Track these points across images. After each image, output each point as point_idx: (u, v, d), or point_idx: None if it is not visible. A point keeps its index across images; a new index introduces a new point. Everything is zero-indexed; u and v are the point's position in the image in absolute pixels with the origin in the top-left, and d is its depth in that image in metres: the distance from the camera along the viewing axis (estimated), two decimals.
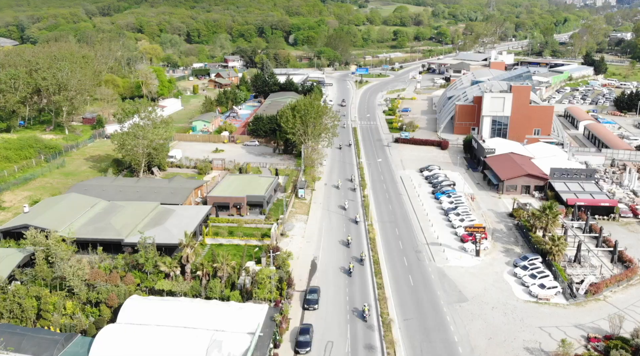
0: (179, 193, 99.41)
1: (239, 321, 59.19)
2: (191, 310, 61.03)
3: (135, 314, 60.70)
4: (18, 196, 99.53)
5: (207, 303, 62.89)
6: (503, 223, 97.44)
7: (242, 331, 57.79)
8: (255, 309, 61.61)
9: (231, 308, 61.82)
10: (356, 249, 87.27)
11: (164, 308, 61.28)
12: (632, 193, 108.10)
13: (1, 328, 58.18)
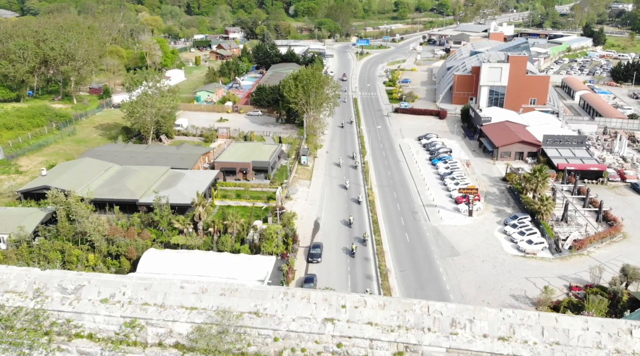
0: (187, 158, 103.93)
1: (249, 270, 64.48)
2: (205, 260, 66.30)
3: (153, 265, 65.95)
4: (34, 161, 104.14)
5: (219, 255, 68.17)
6: (496, 187, 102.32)
7: (252, 279, 63.08)
8: (264, 260, 66.90)
9: (241, 259, 67.10)
10: (357, 211, 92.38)
11: (179, 260, 66.52)
12: (622, 158, 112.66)
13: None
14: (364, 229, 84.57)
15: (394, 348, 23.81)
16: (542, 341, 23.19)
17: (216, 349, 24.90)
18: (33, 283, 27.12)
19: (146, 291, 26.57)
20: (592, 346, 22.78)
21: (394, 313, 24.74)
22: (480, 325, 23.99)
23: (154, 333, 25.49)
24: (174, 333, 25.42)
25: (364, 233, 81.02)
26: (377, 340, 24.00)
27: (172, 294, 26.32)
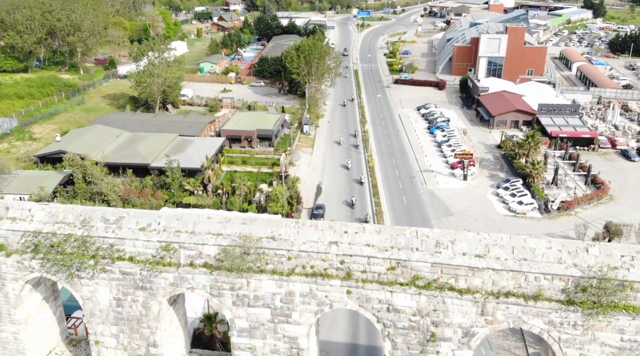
0: (194, 126, 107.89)
1: None
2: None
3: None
4: (46, 128, 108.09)
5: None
6: (491, 154, 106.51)
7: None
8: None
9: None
10: (357, 175, 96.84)
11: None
12: (614, 127, 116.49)
13: None
14: (364, 192, 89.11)
15: (388, 263, 28.29)
16: (512, 257, 27.64)
17: (239, 267, 29.42)
18: (79, 215, 31.49)
19: (178, 221, 30.96)
20: (554, 262, 27.23)
21: (387, 237, 29.17)
22: (460, 245, 28.42)
23: (186, 255, 29.97)
24: (203, 255, 29.90)
25: (365, 214, 79.57)
26: (373, 257, 28.47)
27: (200, 223, 30.71)
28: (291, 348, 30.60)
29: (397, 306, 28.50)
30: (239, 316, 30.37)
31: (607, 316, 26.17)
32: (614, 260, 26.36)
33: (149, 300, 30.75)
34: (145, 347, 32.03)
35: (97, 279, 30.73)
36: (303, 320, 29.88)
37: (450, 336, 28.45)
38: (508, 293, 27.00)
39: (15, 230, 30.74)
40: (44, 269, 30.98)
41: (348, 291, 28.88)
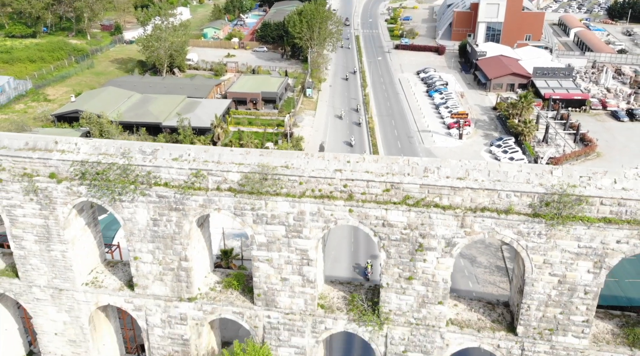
0: (201, 88, 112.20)
1: None
2: None
3: None
4: (59, 90, 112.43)
5: None
6: (486, 115, 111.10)
7: None
8: None
9: None
10: (358, 135, 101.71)
11: None
12: (606, 89, 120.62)
13: None
14: (364, 150, 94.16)
15: (383, 186, 33.38)
16: (488, 179, 32.68)
17: (258, 190, 34.56)
18: (120, 147, 36.45)
19: (205, 153, 35.94)
20: (523, 182, 32.27)
21: (384, 165, 34.19)
22: (445, 170, 33.43)
23: (213, 180, 35.05)
24: (227, 180, 34.96)
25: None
26: (371, 181, 33.54)
27: (224, 155, 35.69)
28: (302, 259, 36.10)
29: (390, 221, 33.81)
30: (259, 232, 35.75)
31: (567, 226, 31.45)
32: (574, 180, 31.52)
33: (182, 219, 36.10)
34: (177, 261, 37.57)
35: (137, 202, 36.02)
36: (312, 235, 35.26)
37: (435, 246, 33.86)
38: (484, 208, 32.26)
39: (65, 160, 35.85)
40: (90, 193, 36.24)
41: (350, 210, 34.14)
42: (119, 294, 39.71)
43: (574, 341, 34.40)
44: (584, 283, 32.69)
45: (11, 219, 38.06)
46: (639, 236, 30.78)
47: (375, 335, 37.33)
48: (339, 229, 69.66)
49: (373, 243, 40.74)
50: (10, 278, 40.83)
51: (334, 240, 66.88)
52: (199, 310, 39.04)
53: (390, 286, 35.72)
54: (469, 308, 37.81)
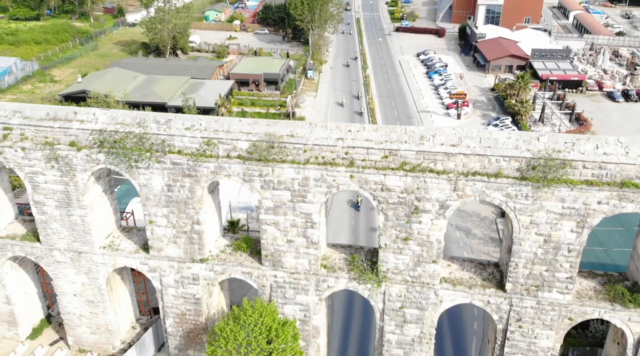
0: (204, 70, 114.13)
1: None
2: None
3: None
4: (65, 72, 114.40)
5: None
6: (485, 96, 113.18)
7: None
8: None
9: None
10: (358, 119, 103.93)
11: None
12: (603, 71, 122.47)
13: None
14: None
15: (382, 153, 35.81)
16: (480, 145, 35.08)
17: (266, 158, 37.01)
18: (135, 117, 38.82)
19: (216, 122, 38.32)
20: (512, 148, 34.67)
21: (383, 133, 36.58)
22: (439, 138, 35.84)
23: (224, 148, 37.48)
24: (237, 148, 37.39)
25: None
26: (371, 148, 35.97)
27: (234, 124, 38.08)
28: (306, 222, 38.71)
29: (388, 186, 36.33)
30: (266, 197, 38.31)
31: (552, 189, 33.97)
32: (559, 145, 33.96)
33: (194, 185, 38.63)
34: (190, 225, 40.19)
35: (152, 168, 38.52)
36: (316, 200, 37.82)
37: (429, 209, 36.43)
38: (475, 173, 34.76)
39: (84, 129, 38.27)
40: (108, 161, 38.73)
41: (351, 176, 36.64)
42: (135, 256, 42.44)
43: (559, 297, 37.15)
44: (568, 242, 35.32)
45: (33, 185, 40.62)
46: (618, 197, 33.33)
47: (374, 292, 40.10)
48: (340, 206, 72.45)
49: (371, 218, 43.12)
50: (32, 242, 43.51)
51: (335, 212, 69.63)
52: (210, 271, 41.79)
53: (388, 247, 38.38)
54: (461, 267, 40.55)
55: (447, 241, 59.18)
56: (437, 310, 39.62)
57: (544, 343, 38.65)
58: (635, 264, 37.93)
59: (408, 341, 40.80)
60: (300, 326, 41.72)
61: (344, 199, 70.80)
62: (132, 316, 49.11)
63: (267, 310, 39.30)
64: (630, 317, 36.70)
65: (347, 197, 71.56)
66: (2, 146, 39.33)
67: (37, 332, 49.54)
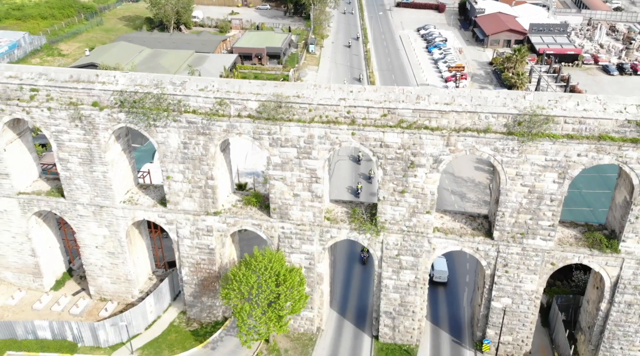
0: (208, 44, 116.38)
1: None
2: None
3: None
4: (71, 46, 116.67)
5: None
6: (483, 70, 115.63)
7: None
8: None
9: None
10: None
11: None
12: (599, 45, 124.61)
13: None
14: None
15: (381, 112, 38.92)
16: (471, 103, 38.15)
17: (274, 117, 40.14)
18: (153, 79, 41.78)
19: (227, 84, 41.32)
20: (500, 105, 37.79)
21: (382, 94, 39.63)
22: (434, 97, 38.91)
23: (235, 108, 40.55)
24: (247, 108, 40.47)
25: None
26: (371, 107, 39.06)
27: (244, 86, 41.09)
28: (311, 177, 42.05)
29: (387, 142, 39.56)
30: (274, 154, 41.57)
31: (536, 142, 37.20)
32: (543, 103, 37.09)
33: (208, 143, 41.85)
34: (204, 180, 43.53)
35: (169, 127, 41.70)
36: (320, 156, 41.09)
37: (424, 163, 39.72)
38: (466, 129, 37.96)
39: (106, 90, 41.32)
40: (128, 119, 41.90)
41: (352, 133, 39.85)
42: (153, 210, 45.93)
43: (542, 244, 40.70)
44: (550, 192, 38.72)
45: (58, 143, 43.87)
46: (596, 150, 36.61)
47: (373, 241, 43.66)
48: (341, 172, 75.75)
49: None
50: (57, 198, 46.95)
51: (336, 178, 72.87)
52: (223, 223, 45.31)
53: (385, 199, 41.81)
54: (453, 219, 44.07)
55: (443, 204, 62.82)
56: (430, 257, 43.27)
57: (528, 287, 42.36)
58: (613, 214, 41.39)
59: (404, 286, 44.54)
60: (306, 273, 45.41)
61: (344, 186, 72.20)
62: (149, 269, 52.87)
63: (276, 257, 42.99)
64: (607, 262, 40.31)
65: (346, 184, 72.48)
66: (29, 106, 42.48)
67: (60, 284, 53.37)
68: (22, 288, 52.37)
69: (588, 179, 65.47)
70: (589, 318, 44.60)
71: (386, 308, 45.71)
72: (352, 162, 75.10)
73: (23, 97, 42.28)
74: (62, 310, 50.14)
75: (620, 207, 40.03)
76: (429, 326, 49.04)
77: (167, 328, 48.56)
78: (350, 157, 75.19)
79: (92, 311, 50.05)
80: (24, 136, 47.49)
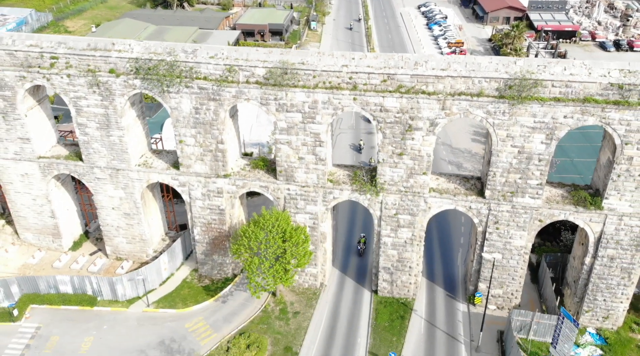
0: (211, 21, 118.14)
1: None
2: None
3: None
4: (77, 23, 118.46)
5: None
6: (482, 46, 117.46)
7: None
8: None
9: None
10: None
11: None
12: (597, 22, 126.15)
13: None
14: None
15: (381, 77, 41.46)
16: (465, 69, 40.65)
17: (280, 83, 42.73)
18: (166, 47, 44.21)
19: (236, 52, 43.81)
20: (493, 71, 40.34)
21: (382, 60, 42.14)
22: (431, 63, 41.43)
23: (244, 75, 43.10)
24: (255, 75, 43.02)
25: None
26: (372, 73, 41.61)
27: (252, 53, 43.55)
28: (315, 141, 44.79)
29: (386, 107, 42.21)
30: (280, 119, 44.24)
31: (525, 105, 39.84)
32: (533, 68, 39.60)
33: (218, 108, 44.52)
34: (215, 144, 46.28)
35: (182, 93, 44.31)
36: (323, 120, 43.78)
37: (421, 127, 42.42)
38: (461, 93, 40.57)
39: (122, 58, 43.86)
40: (143, 86, 44.49)
41: (354, 98, 42.47)
42: (167, 173, 48.80)
43: (530, 201, 43.62)
44: (538, 152, 41.49)
45: (77, 109, 46.55)
46: (581, 112, 39.27)
47: (373, 202, 46.60)
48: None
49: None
50: (75, 161, 49.80)
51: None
52: (233, 185, 48.23)
53: (385, 162, 44.60)
54: (448, 180, 46.94)
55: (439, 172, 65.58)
56: (426, 216, 46.23)
57: (517, 242, 45.42)
58: (598, 174, 44.23)
59: (401, 243, 47.63)
60: (310, 232, 48.47)
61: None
62: (162, 230, 56.00)
63: (282, 216, 45.98)
64: (591, 218, 43.26)
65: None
66: (49, 73, 45.07)
67: (78, 245, 56.57)
68: (42, 248, 55.60)
69: (580, 149, 68.36)
70: (575, 272, 47.75)
71: (385, 264, 48.88)
72: (354, 151, 77.18)
73: (43, 65, 44.85)
74: (81, 268, 53.39)
75: (604, 167, 42.85)
76: (425, 282, 52.31)
77: (180, 284, 51.84)
78: (351, 146, 77.48)
79: (109, 270, 53.29)
80: (43, 103, 50.19)
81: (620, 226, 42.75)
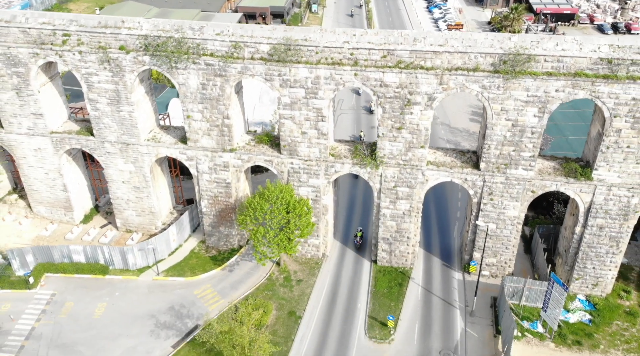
0: (213, 3, 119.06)
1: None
2: None
3: None
4: (81, 6, 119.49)
5: None
6: (481, 29, 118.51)
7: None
8: None
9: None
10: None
11: None
12: (596, 5, 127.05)
13: None
14: None
15: (381, 53, 43.16)
16: (462, 45, 42.32)
17: (284, 59, 44.46)
18: (174, 25, 45.82)
19: (241, 29, 45.46)
20: (488, 46, 42.03)
21: (382, 37, 43.80)
22: (429, 39, 43.09)
23: (248, 51, 44.80)
24: (259, 51, 44.71)
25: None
26: (372, 49, 43.31)
27: (256, 30, 45.30)
28: (317, 116, 46.64)
29: (386, 82, 43.99)
30: (284, 94, 46.04)
31: (519, 79, 41.61)
32: (526, 44, 41.29)
33: (224, 84, 46.30)
34: (221, 119, 48.13)
35: (189, 69, 46.06)
36: (325, 96, 45.58)
37: (419, 101, 44.24)
38: (457, 68, 42.33)
39: (132, 35, 45.56)
40: (152, 62, 46.24)
41: (355, 74, 44.23)
42: (175, 147, 50.75)
43: (523, 173, 45.59)
44: (531, 125, 43.37)
45: (88, 85, 48.35)
46: (572, 86, 41.08)
47: (373, 174, 48.59)
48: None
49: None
50: (86, 136, 51.72)
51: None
52: (238, 159, 50.18)
53: (384, 136, 46.51)
54: (444, 154, 48.89)
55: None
56: (423, 188, 48.25)
57: (510, 213, 47.50)
58: (588, 146, 46.17)
59: (399, 215, 49.73)
60: (312, 205, 50.54)
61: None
62: (170, 204, 58.11)
63: (286, 188, 48.04)
64: (581, 188, 45.27)
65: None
66: (62, 50, 46.80)
67: (88, 218, 58.73)
68: (54, 221, 57.76)
69: (574, 127, 70.14)
70: (566, 242, 49.90)
71: (384, 234, 51.04)
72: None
73: (56, 42, 46.57)
74: (92, 240, 55.61)
75: (594, 139, 44.77)
76: (422, 253, 54.53)
77: (188, 254, 54.08)
78: (352, 137, 78.92)
79: (120, 241, 55.50)
80: (55, 80, 51.98)
81: (609, 196, 44.77)
